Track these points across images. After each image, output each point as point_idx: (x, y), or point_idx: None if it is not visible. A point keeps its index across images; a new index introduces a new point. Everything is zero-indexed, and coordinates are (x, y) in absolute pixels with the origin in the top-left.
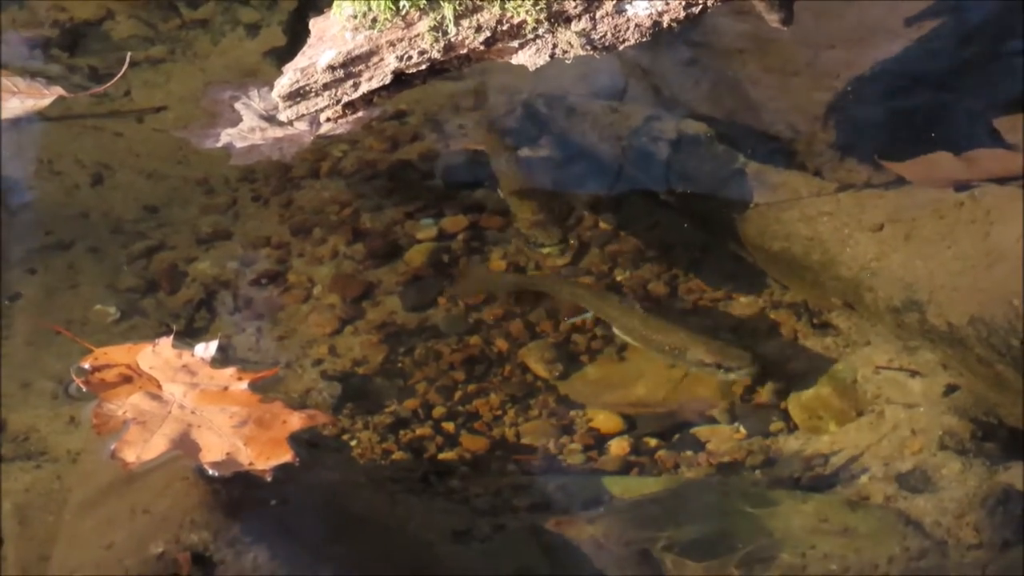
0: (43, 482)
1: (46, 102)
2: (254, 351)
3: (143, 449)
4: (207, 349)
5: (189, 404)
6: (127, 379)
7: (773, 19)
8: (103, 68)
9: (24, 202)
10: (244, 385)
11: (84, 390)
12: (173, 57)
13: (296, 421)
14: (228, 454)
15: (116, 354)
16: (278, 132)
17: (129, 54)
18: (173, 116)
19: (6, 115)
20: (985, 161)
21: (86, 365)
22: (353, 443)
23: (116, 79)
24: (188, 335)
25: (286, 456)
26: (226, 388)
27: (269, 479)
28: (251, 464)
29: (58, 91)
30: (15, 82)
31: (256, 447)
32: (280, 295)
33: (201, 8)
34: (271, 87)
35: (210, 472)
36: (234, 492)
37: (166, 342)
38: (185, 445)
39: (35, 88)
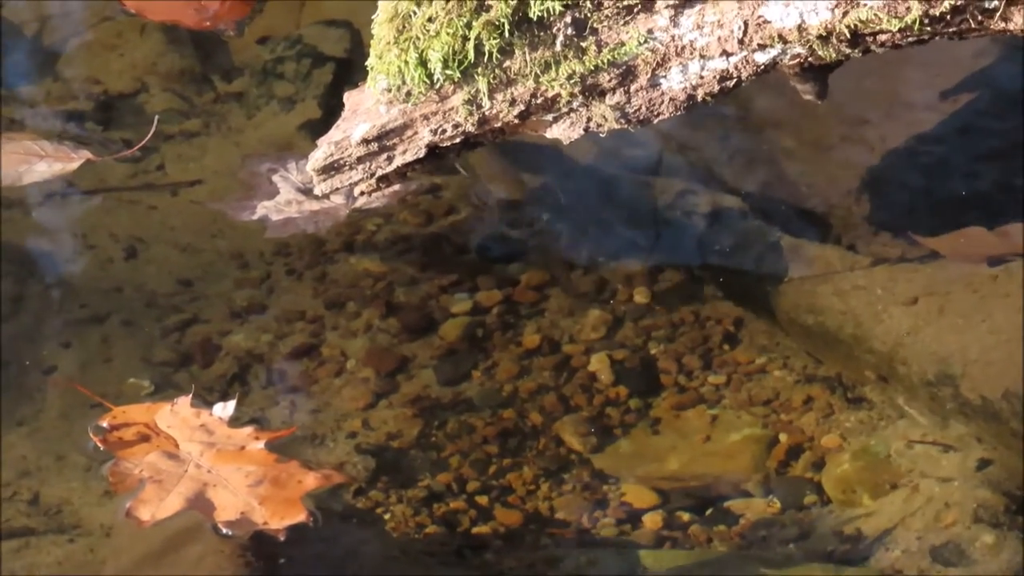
0: (76, 555)
1: (74, 166)
2: (288, 424)
3: (158, 508)
4: (225, 409)
5: (205, 463)
6: (145, 438)
7: (808, 93)
8: (137, 141)
9: (58, 276)
10: (261, 445)
11: (101, 448)
12: (207, 131)
13: (312, 481)
14: (243, 513)
15: (135, 413)
16: (314, 205)
17: (157, 116)
18: (208, 190)
19: (34, 179)
20: (1019, 235)
21: (104, 424)
22: (387, 516)
23: (144, 142)
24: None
25: (300, 516)
26: (243, 448)
27: (282, 538)
28: (265, 523)
29: (86, 155)
30: (42, 146)
31: (271, 506)
32: (314, 369)
33: (235, 81)
34: (308, 160)
35: (224, 531)
36: (267, 567)
37: (185, 401)
38: (200, 504)
39: (63, 152)
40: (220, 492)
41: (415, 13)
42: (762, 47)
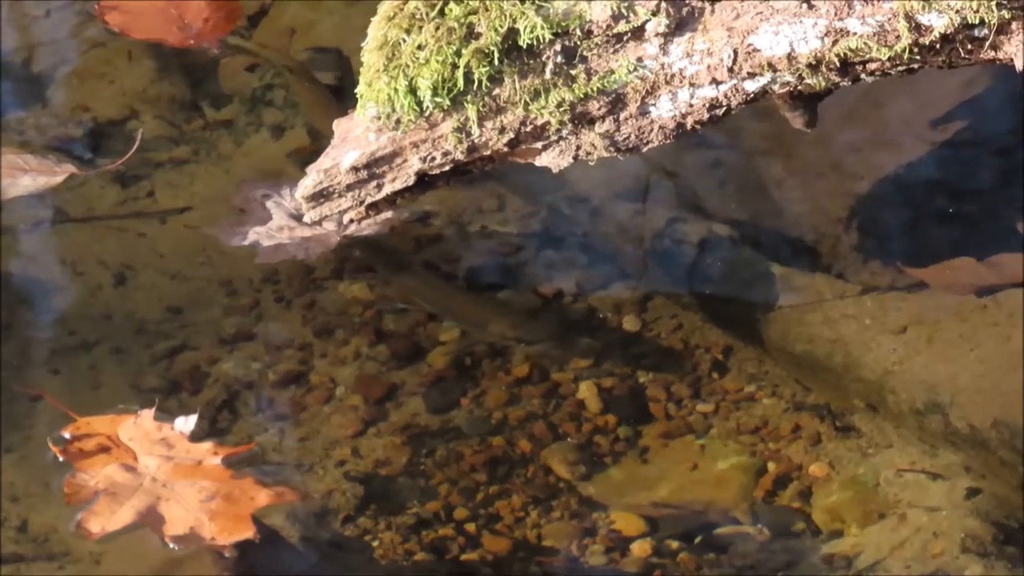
0: None
1: (58, 179)
2: (277, 452)
3: (109, 520)
4: (187, 423)
5: (161, 477)
6: (105, 449)
7: (797, 121)
8: (127, 168)
9: (47, 303)
10: (218, 460)
11: (61, 459)
12: (197, 158)
13: (264, 498)
14: (191, 528)
15: (98, 424)
16: (305, 232)
17: (140, 131)
18: (197, 217)
19: (18, 192)
20: (1008, 266)
21: (66, 434)
22: (375, 544)
23: (127, 156)
24: (212, 435)
25: (248, 532)
26: (200, 462)
27: (228, 555)
28: (213, 539)
29: (70, 169)
30: (26, 159)
31: (220, 522)
32: (303, 396)
33: (224, 109)
34: (298, 188)
35: (171, 546)
36: None
37: (148, 414)
38: (150, 518)
39: (46, 165)
40: (172, 506)
41: (404, 41)
42: (752, 75)
